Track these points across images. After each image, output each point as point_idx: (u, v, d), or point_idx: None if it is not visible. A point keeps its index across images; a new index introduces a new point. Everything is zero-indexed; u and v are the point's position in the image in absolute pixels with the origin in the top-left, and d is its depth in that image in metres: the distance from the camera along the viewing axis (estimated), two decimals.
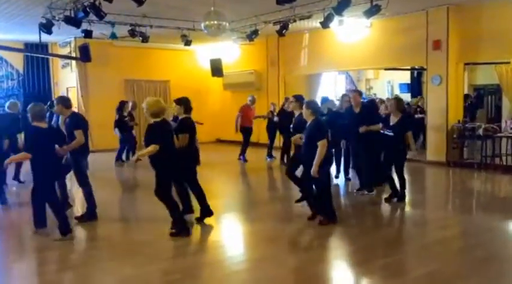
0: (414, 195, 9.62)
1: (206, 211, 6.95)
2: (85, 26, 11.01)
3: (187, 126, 6.70)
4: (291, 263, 5.42)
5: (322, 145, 6.34)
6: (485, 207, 8.37)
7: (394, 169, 7.98)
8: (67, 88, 16.75)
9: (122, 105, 12.87)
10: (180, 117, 6.83)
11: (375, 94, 19.82)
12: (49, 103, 11.80)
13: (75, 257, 5.82)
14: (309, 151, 6.48)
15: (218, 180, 11.26)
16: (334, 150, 9.43)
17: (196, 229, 6.89)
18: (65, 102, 7.07)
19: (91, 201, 7.06)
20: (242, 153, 13.19)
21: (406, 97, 17.77)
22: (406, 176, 7.93)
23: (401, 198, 8.00)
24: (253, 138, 13.58)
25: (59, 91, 17.09)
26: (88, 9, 9.25)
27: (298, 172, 7.44)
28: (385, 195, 8.25)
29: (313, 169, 6.34)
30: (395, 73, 19.10)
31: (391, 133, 7.71)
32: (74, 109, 11.73)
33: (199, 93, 16.08)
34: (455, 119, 11.87)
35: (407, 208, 8.08)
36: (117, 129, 12.87)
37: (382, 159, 8.36)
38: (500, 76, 14.24)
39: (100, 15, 9.34)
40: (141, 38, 12.61)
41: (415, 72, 18.36)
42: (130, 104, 13.39)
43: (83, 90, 15.71)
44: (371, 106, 9.81)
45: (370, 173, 8.57)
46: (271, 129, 13.13)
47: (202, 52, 17.64)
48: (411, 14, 12.07)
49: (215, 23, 9.72)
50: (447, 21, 11.50)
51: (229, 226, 7.23)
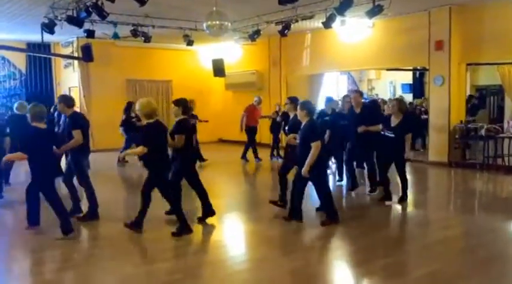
0: (416, 195, 9.61)
1: (208, 211, 6.97)
2: (87, 25, 11.03)
3: (184, 127, 6.73)
4: (292, 263, 5.41)
5: (315, 147, 6.33)
6: (487, 208, 8.36)
7: (396, 171, 7.93)
8: (69, 88, 16.77)
9: (130, 105, 12.83)
10: (177, 118, 6.87)
11: (376, 95, 19.81)
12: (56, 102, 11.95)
13: (76, 256, 5.81)
14: (304, 152, 6.46)
15: (220, 180, 11.26)
16: (336, 151, 9.44)
17: (198, 229, 6.89)
18: (67, 100, 7.12)
19: (92, 200, 7.07)
20: (247, 153, 13.18)
21: (408, 97, 17.79)
22: (409, 176, 7.93)
23: (404, 198, 7.98)
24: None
25: (61, 91, 17.09)
26: (90, 9, 9.25)
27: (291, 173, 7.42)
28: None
29: (304, 169, 6.34)
30: (397, 74, 19.08)
31: (392, 135, 7.65)
32: (76, 109, 11.97)
33: (201, 93, 16.11)
34: (457, 119, 11.86)
35: (409, 208, 8.06)
36: (122, 128, 12.88)
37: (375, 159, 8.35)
38: (502, 76, 14.21)
39: (102, 15, 9.34)
40: (143, 38, 12.61)
41: (417, 72, 18.35)
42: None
43: (85, 90, 15.74)
44: (372, 107, 9.76)
45: (373, 174, 8.57)
46: (275, 129, 13.12)
47: (205, 52, 17.65)
48: (413, 14, 12.05)
49: (217, 23, 9.72)
50: (449, 22, 11.49)
51: (231, 226, 7.24)
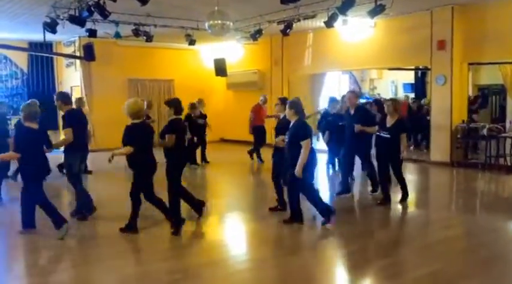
0: (418, 195, 9.60)
1: (198, 205, 7.04)
2: (89, 25, 11.02)
3: (175, 127, 6.73)
4: (293, 263, 5.40)
5: (306, 145, 6.25)
6: (489, 207, 8.34)
7: (392, 171, 7.84)
8: (71, 87, 16.77)
9: None
10: (169, 118, 6.88)
11: (378, 94, 19.78)
12: (77, 100, 11.93)
13: (76, 256, 5.82)
14: (292, 152, 6.37)
15: (222, 179, 11.27)
16: (335, 152, 9.42)
17: (198, 228, 6.90)
18: (64, 98, 7.11)
19: (80, 199, 7.04)
20: (254, 152, 12.91)
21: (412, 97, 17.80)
22: (410, 176, 7.95)
23: (404, 198, 7.95)
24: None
25: (63, 90, 17.13)
26: (92, 8, 9.25)
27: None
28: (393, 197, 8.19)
29: (297, 170, 6.26)
30: (399, 73, 19.09)
31: (388, 135, 7.56)
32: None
33: (203, 92, 16.07)
34: (459, 119, 11.85)
35: (410, 208, 8.06)
36: None
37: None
38: (504, 76, 14.22)
39: (104, 15, 9.34)
40: (145, 37, 12.60)
41: (419, 72, 18.35)
42: (146, 103, 13.24)
43: (87, 89, 15.73)
44: (365, 109, 9.49)
45: (372, 173, 8.54)
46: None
47: (206, 51, 17.65)
48: (415, 13, 12.03)
49: (219, 22, 9.71)
50: (451, 21, 11.46)
51: (231, 226, 7.23)
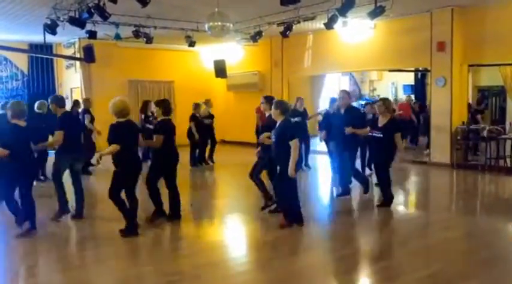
0: (418, 196, 9.62)
1: (160, 212, 6.95)
2: (89, 26, 11.04)
3: (164, 128, 6.75)
4: (293, 264, 5.41)
5: (294, 145, 6.22)
6: (489, 209, 8.34)
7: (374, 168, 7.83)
8: (71, 89, 16.79)
9: (146, 104, 12.75)
10: (158, 119, 6.89)
11: (378, 96, 19.80)
12: (74, 102, 12.18)
13: (75, 257, 5.82)
14: (279, 152, 6.35)
15: (224, 181, 11.29)
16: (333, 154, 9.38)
17: (198, 229, 6.91)
18: (58, 101, 7.17)
19: (61, 200, 7.04)
20: None
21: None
22: (411, 177, 7.91)
23: (384, 203, 7.69)
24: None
25: (63, 91, 17.12)
26: (92, 10, 9.26)
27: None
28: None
29: (291, 171, 6.23)
30: (399, 75, 19.10)
31: (380, 135, 7.51)
32: (79, 110, 12.03)
33: (203, 93, 16.07)
34: (459, 121, 11.85)
35: (411, 209, 8.06)
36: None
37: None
38: (504, 77, 14.23)
39: (104, 16, 9.35)
40: (145, 39, 12.62)
41: (419, 73, 18.37)
42: (153, 104, 13.14)
43: (87, 91, 15.73)
44: (356, 109, 9.27)
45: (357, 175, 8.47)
46: None
47: (206, 53, 17.66)
48: (415, 15, 12.04)
49: (219, 24, 9.72)
50: (451, 23, 11.47)
51: (231, 227, 7.22)
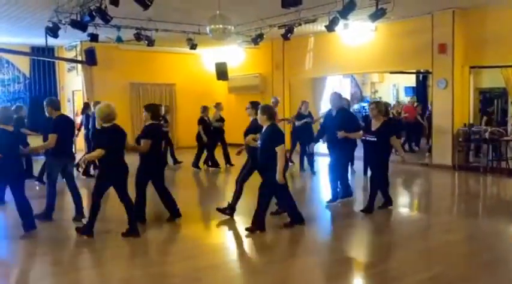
0: (419, 198, 9.61)
1: (175, 212, 7.05)
2: (91, 29, 11.08)
3: (151, 133, 6.75)
4: (295, 267, 5.40)
5: (281, 151, 6.15)
6: (491, 211, 8.33)
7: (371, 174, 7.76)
8: (73, 92, 16.83)
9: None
10: (146, 123, 6.90)
11: (380, 98, 19.80)
12: (84, 105, 12.27)
13: (76, 259, 5.82)
14: (265, 158, 6.26)
15: (226, 182, 11.28)
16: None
17: (198, 231, 6.90)
18: (53, 104, 7.18)
19: (50, 202, 7.03)
20: None
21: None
22: (413, 179, 7.87)
23: (369, 209, 7.54)
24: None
25: (65, 94, 17.19)
26: (94, 13, 9.28)
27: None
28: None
29: (279, 178, 6.15)
30: (400, 77, 19.11)
31: (374, 138, 7.38)
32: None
33: (204, 96, 16.13)
34: (460, 122, 11.84)
35: (412, 211, 8.04)
36: None
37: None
38: (506, 79, 14.19)
39: (106, 19, 9.37)
40: (146, 42, 12.65)
41: (421, 75, 18.36)
42: (163, 108, 12.88)
43: (89, 94, 15.74)
44: (348, 112, 8.84)
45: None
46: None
47: (208, 55, 17.69)
48: (416, 17, 12.04)
49: (220, 26, 9.73)
50: (453, 25, 11.48)
51: (232, 229, 7.20)
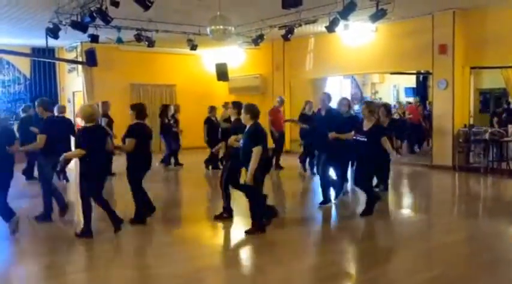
0: (420, 199, 9.60)
1: (142, 215, 6.93)
2: (91, 30, 11.08)
3: (137, 132, 6.74)
4: (295, 268, 5.39)
5: (257, 151, 6.09)
6: (492, 211, 8.33)
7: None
8: (73, 93, 16.84)
9: (165, 109, 12.70)
10: (132, 122, 6.89)
11: (380, 99, 19.79)
12: None
13: (76, 261, 5.81)
14: (247, 157, 6.20)
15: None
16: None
17: (199, 232, 6.90)
18: (44, 104, 7.19)
19: (47, 203, 7.01)
20: (277, 161, 12.04)
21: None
22: (413, 180, 7.85)
23: (368, 211, 7.39)
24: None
25: (65, 95, 17.21)
26: (95, 14, 9.29)
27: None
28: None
29: (248, 177, 6.13)
30: (401, 78, 19.11)
31: (364, 139, 7.30)
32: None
33: (204, 97, 16.13)
34: (461, 123, 11.84)
35: (412, 212, 8.03)
36: (161, 136, 12.75)
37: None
38: (506, 80, 14.20)
39: (106, 20, 9.37)
40: (146, 43, 12.66)
41: (421, 76, 18.36)
42: (173, 108, 13.01)
43: (89, 95, 15.77)
44: (337, 113, 8.55)
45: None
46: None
47: (208, 56, 17.70)
48: (417, 18, 12.05)
49: (221, 27, 9.72)
50: (453, 25, 11.48)
51: (232, 230, 7.19)
